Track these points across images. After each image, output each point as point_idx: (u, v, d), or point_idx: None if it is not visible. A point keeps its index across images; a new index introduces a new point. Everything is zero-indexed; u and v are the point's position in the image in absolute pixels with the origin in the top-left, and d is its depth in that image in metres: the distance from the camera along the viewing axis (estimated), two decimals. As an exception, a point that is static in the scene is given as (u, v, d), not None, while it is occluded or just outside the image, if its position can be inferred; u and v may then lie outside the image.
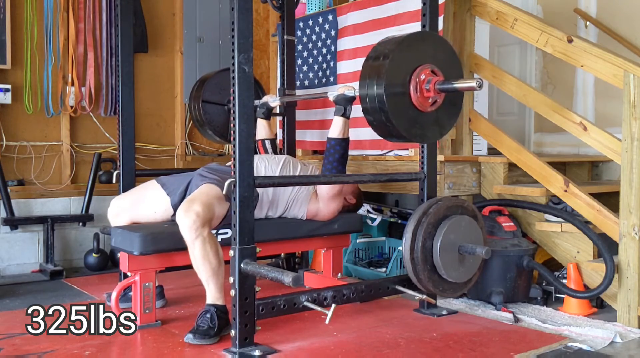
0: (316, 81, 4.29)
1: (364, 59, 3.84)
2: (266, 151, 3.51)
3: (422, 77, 2.47)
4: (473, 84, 2.44)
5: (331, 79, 4.16)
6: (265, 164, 3.04)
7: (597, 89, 4.45)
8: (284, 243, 3.18)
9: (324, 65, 4.21)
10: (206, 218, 2.60)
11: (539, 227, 3.34)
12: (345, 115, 2.94)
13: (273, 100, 3.56)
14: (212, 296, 2.61)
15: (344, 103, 2.92)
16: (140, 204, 2.96)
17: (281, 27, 3.83)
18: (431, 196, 2.98)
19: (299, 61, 4.34)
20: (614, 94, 3.98)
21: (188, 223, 2.55)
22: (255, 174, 2.84)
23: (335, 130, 2.96)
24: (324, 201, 3.08)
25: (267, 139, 3.53)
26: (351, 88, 2.92)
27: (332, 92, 3.00)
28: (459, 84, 2.49)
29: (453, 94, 2.59)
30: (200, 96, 3.77)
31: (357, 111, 4.01)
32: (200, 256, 2.57)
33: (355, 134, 3.59)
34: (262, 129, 3.57)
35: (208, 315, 2.56)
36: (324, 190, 3.05)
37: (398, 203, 4.43)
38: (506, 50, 4.95)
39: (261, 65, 5.34)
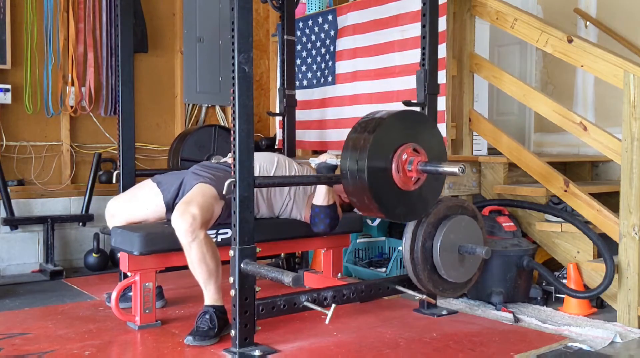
0: (315, 81, 4.29)
1: (364, 59, 3.92)
2: None
3: (404, 157, 2.47)
4: (455, 170, 2.42)
5: (329, 78, 4.16)
6: (261, 163, 3.03)
7: (597, 89, 4.45)
8: (284, 243, 3.18)
9: (323, 65, 4.21)
10: (203, 220, 2.59)
11: (539, 227, 3.34)
12: (328, 184, 2.88)
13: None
14: (211, 297, 2.60)
15: (326, 171, 2.86)
16: (133, 202, 2.97)
17: (281, 27, 3.83)
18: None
19: (298, 61, 4.34)
20: (614, 94, 3.98)
21: (184, 227, 2.54)
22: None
23: (319, 198, 2.92)
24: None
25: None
26: (333, 157, 2.89)
27: (315, 159, 2.95)
28: (442, 168, 2.47)
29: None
30: (179, 153, 3.85)
31: (353, 111, 4.03)
32: (197, 260, 2.56)
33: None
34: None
35: (207, 316, 2.56)
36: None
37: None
38: (506, 50, 4.95)
39: (261, 65, 5.34)
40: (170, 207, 2.85)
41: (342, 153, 2.48)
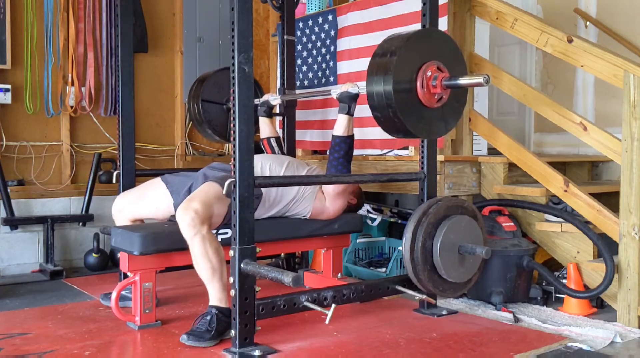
0: (315, 81, 4.29)
1: (365, 59, 3.91)
2: (272, 150, 3.50)
3: (429, 73, 2.48)
4: (480, 79, 2.46)
5: (331, 79, 4.16)
6: (270, 164, 3.04)
7: (597, 89, 4.45)
8: (284, 243, 3.18)
9: (324, 65, 4.21)
10: (205, 215, 2.60)
11: (539, 227, 3.34)
12: (349, 112, 2.95)
13: (274, 98, 3.55)
14: (215, 297, 2.59)
15: (348, 101, 2.93)
16: (143, 200, 2.99)
17: (281, 27, 3.83)
18: (431, 196, 2.98)
19: (299, 61, 4.34)
20: (614, 94, 3.98)
21: (186, 221, 2.55)
22: (260, 174, 2.85)
23: (339, 128, 2.97)
24: (330, 199, 3.10)
25: (272, 137, 3.53)
26: (355, 85, 2.94)
27: (336, 89, 3.01)
28: (465, 81, 2.50)
29: (458, 91, 2.61)
30: (199, 94, 3.77)
31: (358, 111, 4.02)
32: (199, 254, 2.56)
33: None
34: (265, 128, 3.56)
35: (208, 318, 2.54)
36: (331, 187, 3.06)
37: (398, 203, 4.43)
38: (506, 50, 4.95)
39: (261, 65, 5.34)
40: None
41: (367, 76, 2.48)
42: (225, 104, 3.83)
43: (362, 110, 3.91)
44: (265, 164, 3.02)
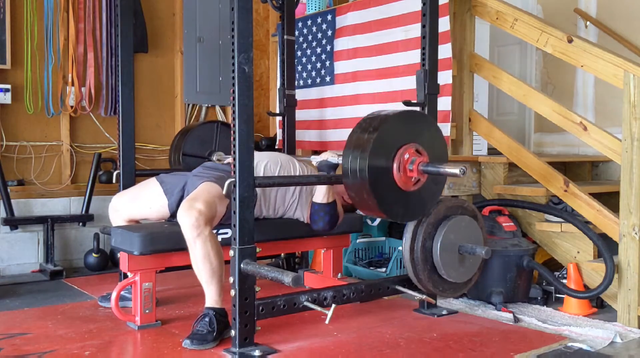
0: (309, 81, 4.29)
1: (362, 59, 3.91)
2: None
3: (406, 156, 2.47)
4: (456, 171, 2.42)
5: (327, 78, 4.16)
6: (266, 163, 3.03)
7: (597, 89, 4.45)
8: (284, 243, 3.18)
9: (319, 65, 4.21)
10: (208, 216, 2.59)
11: (539, 227, 3.34)
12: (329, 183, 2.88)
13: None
14: (212, 299, 2.58)
15: (327, 169, 2.88)
16: (138, 200, 2.98)
17: (281, 27, 3.83)
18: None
19: (297, 61, 4.34)
20: (614, 94, 3.98)
21: (190, 221, 2.54)
22: (255, 173, 2.85)
23: (319, 196, 2.93)
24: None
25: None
26: (334, 154, 2.90)
27: (316, 157, 2.97)
28: (443, 169, 2.46)
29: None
30: (181, 148, 3.78)
31: (354, 111, 4.02)
32: (201, 256, 2.55)
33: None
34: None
35: (207, 319, 2.54)
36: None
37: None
38: (506, 50, 4.95)
39: (261, 65, 5.34)
40: (174, 209, 2.85)
41: (344, 151, 2.48)
42: (207, 158, 3.77)
43: (362, 110, 3.92)
44: (261, 163, 3.01)
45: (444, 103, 3.37)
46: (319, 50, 4.20)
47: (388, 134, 2.44)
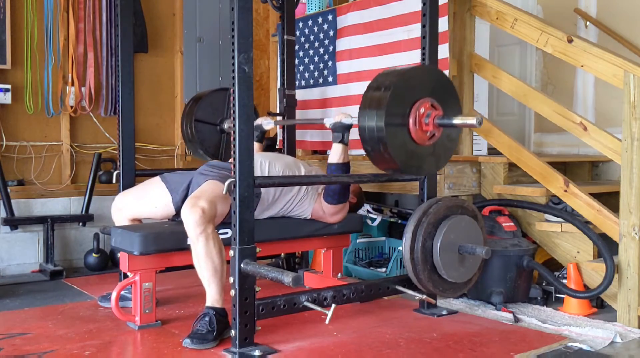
0: (312, 81, 4.29)
1: (364, 59, 3.91)
2: None
3: (422, 111, 2.47)
4: (473, 121, 2.43)
5: (329, 79, 4.16)
6: (269, 162, 3.03)
7: (597, 89, 4.44)
8: (284, 243, 3.18)
9: (321, 65, 4.21)
10: (211, 214, 2.60)
11: (539, 227, 3.34)
12: (343, 142, 2.94)
13: (267, 123, 3.42)
14: (212, 298, 2.58)
15: (342, 130, 2.92)
16: (142, 199, 2.99)
17: (281, 27, 3.83)
18: (431, 196, 2.98)
19: (298, 61, 4.33)
20: (614, 94, 3.98)
21: (194, 219, 2.54)
22: (259, 173, 2.85)
23: (334, 156, 2.96)
24: (328, 215, 3.12)
25: None
26: (348, 116, 2.92)
27: (329, 119, 3.00)
28: (458, 121, 2.48)
29: (450, 130, 2.60)
30: (192, 114, 3.75)
31: (352, 111, 4.01)
32: (203, 254, 2.55)
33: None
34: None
35: (207, 318, 2.54)
36: (328, 207, 3.08)
37: (398, 203, 4.43)
38: (506, 50, 4.95)
39: (261, 65, 5.34)
40: (179, 206, 2.85)
41: (359, 109, 2.47)
42: (218, 125, 3.77)
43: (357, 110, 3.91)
44: (264, 162, 3.01)
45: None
46: (321, 50, 4.20)
47: (403, 90, 2.44)
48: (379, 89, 2.44)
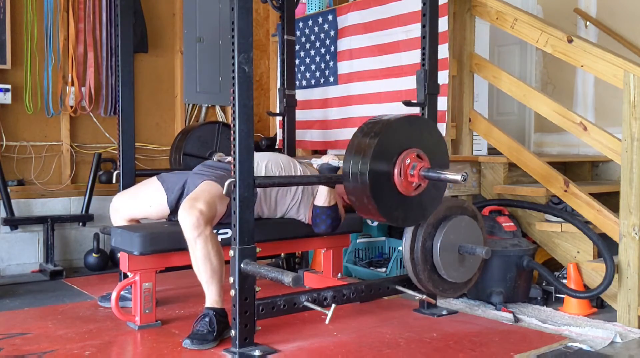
0: (313, 81, 4.29)
1: (365, 59, 3.91)
2: None
3: (407, 161, 2.46)
4: (457, 177, 2.41)
5: (331, 79, 4.16)
6: (267, 163, 3.03)
7: (597, 89, 4.45)
8: (284, 243, 3.18)
9: (323, 65, 4.21)
10: (209, 216, 2.59)
11: (539, 227, 3.34)
12: (329, 184, 2.90)
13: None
14: (212, 299, 2.58)
15: (328, 172, 2.87)
16: (138, 198, 2.98)
17: (281, 27, 3.83)
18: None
19: (298, 61, 4.34)
20: (614, 94, 3.98)
21: (191, 221, 2.54)
22: (256, 173, 2.85)
23: (320, 199, 2.93)
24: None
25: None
26: (335, 158, 2.90)
27: (317, 160, 2.97)
28: (444, 175, 2.46)
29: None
30: (182, 148, 3.77)
31: (361, 110, 4.02)
32: (201, 256, 2.55)
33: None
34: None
35: (207, 319, 2.53)
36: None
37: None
38: (506, 50, 4.95)
39: (261, 65, 5.34)
40: (173, 207, 2.85)
41: (345, 155, 2.47)
42: (208, 159, 3.75)
43: (367, 110, 3.92)
44: (261, 162, 3.01)
45: (441, 103, 3.36)
46: (322, 50, 4.20)
47: (389, 139, 2.44)
48: (365, 136, 2.42)
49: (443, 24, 3.30)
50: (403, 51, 3.66)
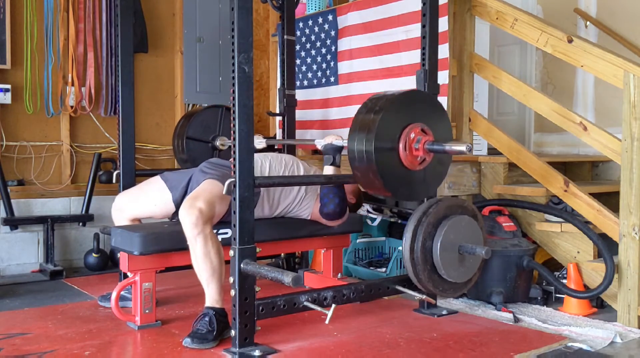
0: (315, 81, 4.29)
1: (366, 59, 3.91)
2: None
3: (412, 136, 2.46)
4: (463, 148, 2.43)
5: (332, 79, 4.16)
6: (270, 162, 3.03)
7: (597, 89, 4.45)
8: (284, 243, 3.18)
9: (324, 65, 4.21)
10: (209, 215, 2.60)
11: (539, 227, 3.34)
12: (335, 164, 2.93)
13: (259, 141, 3.42)
14: (211, 299, 2.58)
15: (333, 152, 2.91)
16: (142, 197, 2.98)
17: (281, 27, 3.83)
18: (431, 196, 2.97)
19: (298, 61, 4.34)
20: (614, 94, 3.98)
21: (191, 220, 2.54)
22: (260, 173, 2.85)
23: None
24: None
25: None
26: (339, 137, 2.92)
27: (320, 141, 3.00)
28: (448, 147, 2.47)
29: (441, 154, 2.59)
30: (184, 132, 3.75)
31: (354, 112, 4.01)
32: (201, 254, 2.56)
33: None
34: None
35: (207, 318, 2.54)
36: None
37: (398, 203, 4.43)
38: (506, 50, 4.95)
39: (261, 65, 5.34)
40: (178, 205, 2.85)
41: (349, 132, 2.47)
42: (211, 143, 3.77)
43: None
44: (265, 162, 3.01)
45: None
46: (323, 50, 4.20)
47: (393, 114, 2.44)
48: (369, 113, 2.43)
49: (443, 24, 3.30)
50: (403, 51, 3.66)
